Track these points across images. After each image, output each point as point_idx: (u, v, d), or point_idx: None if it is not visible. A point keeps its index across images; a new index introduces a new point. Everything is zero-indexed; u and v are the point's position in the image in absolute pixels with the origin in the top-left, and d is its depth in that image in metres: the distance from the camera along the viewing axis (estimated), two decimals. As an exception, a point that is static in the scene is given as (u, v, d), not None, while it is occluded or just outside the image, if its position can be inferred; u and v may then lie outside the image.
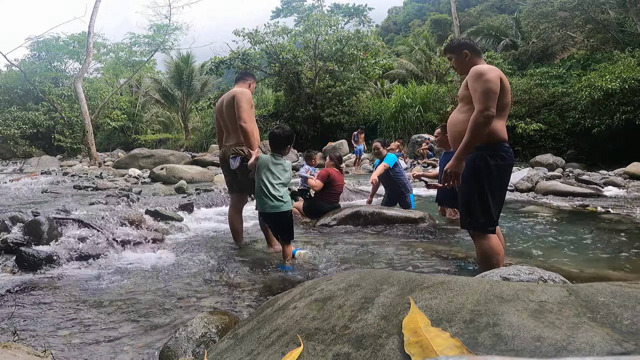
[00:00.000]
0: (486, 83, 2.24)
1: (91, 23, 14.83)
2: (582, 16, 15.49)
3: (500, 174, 2.37)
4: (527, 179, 7.56)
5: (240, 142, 3.45)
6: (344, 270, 2.83)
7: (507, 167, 2.39)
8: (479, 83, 2.27)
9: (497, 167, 2.33)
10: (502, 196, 2.44)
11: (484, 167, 2.33)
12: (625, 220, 4.54)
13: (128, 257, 3.33)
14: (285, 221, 3.04)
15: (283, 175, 3.03)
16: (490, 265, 2.34)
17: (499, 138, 2.34)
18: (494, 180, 2.35)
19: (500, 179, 2.38)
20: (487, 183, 2.34)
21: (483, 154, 2.32)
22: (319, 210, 4.88)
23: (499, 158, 2.33)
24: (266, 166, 3.02)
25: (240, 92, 3.45)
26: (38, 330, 1.97)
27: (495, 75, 2.27)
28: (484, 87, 2.24)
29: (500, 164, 2.34)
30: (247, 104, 3.39)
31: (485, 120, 2.21)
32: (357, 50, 17.19)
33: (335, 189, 5.03)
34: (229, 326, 1.71)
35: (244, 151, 3.40)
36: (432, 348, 0.89)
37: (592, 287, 1.06)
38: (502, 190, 2.43)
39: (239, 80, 3.72)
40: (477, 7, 37.15)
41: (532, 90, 13.41)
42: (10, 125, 22.16)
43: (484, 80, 2.25)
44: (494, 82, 2.25)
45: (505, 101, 2.35)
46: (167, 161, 11.69)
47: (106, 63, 24.60)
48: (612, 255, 3.24)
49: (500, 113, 2.32)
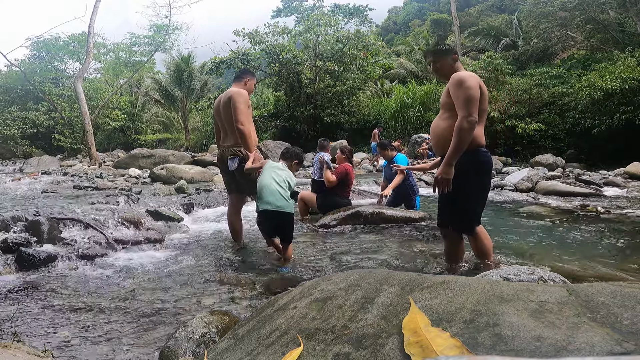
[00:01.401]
0: (468, 90, 2.33)
1: (91, 23, 14.82)
2: (582, 16, 15.49)
3: (481, 178, 2.50)
4: (527, 179, 7.56)
5: (238, 143, 3.43)
6: (344, 270, 2.83)
7: (487, 171, 2.52)
8: (462, 90, 2.35)
9: (477, 171, 2.46)
10: (484, 197, 2.59)
11: (466, 172, 2.44)
12: (625, 220, 4.54)
13: (128, 257, 3.33)
14: (290, 221, 3.08)
15: (292, 180, 3.15)
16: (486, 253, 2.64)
17: (477, 143, 2.44)
18: (475, 183, 2.48)
19: (481, 183, 2.51)
20: (469, 187, 2.46)
21: (464, 159, 2.42)
22: (335, 206, 4.86)
23: (479, 162, 2.45)
24: (276, 168, 3.14)
25: (237, 92, 3.41)
26: (38, 330, 1.97)
27: (476, 83, 2.37)
28: (466, 94, 2.33)
29: (480, 168, 2.46)
30: (243, 105, 3.35)
31: (470, 125, 2.31)
32: (357, 50, 17.18)
33: (349, 185, 5.06)
34: (229, 326, 1.71)
35: (242, 152, 3.40)
36: (432, 348, 0.89)
37: (592, 287, 1.06)
38: (485, 192, 2.58)
39: (235, 79, 3.69)
40: (477, 7, 37.16)
41: (532, 90, 13.41)
42: (10, 125, 22.16)
43: (466, 87, 2.34)
44: (474, 89, 2.34)
45: (482, 107, 2.43)
46: (167, 161, 11.68)
47: (106, 63, 24.58)
48: (612, 255, 3.24)
49: (479, 119, 2.41)
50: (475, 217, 2.58)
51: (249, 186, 3.47)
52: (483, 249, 2.65)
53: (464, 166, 2.41)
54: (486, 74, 14.52)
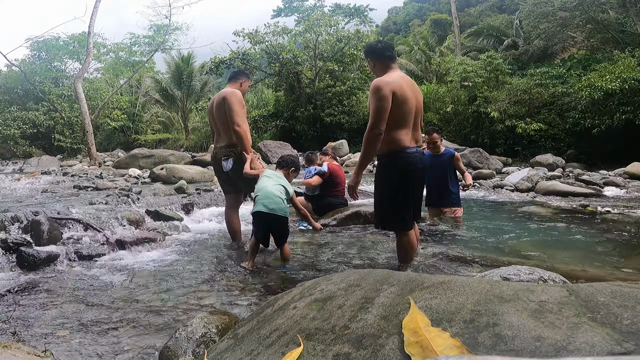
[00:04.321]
0: (377, 101, 2.40)
1: (91, 23, 14.81)
2: (582, 16, 15.50)
3: (403, 177, 2.56)
4: (527, 179, 7.56)
5: (232, 143, 3.39)
6: (344, 270, 2.83)
7: (409, 171, 2.55)
8: (372, 99, 2.44)
9: (398, 171, 2.53)
10: (414, 197, 2.65)
11: (386, 173, 2.58)
12: (625, 220, 4.53)
13: (128, 257, 3.33)
14: (284, 224, 3.09)
15: (289, 189, 3.16)
16: (407, 258, 2.71)
17: (397, 147, 2.51)
18: (398, 183, 2.56)
19: (405, 182, 2.57)
20: (392, 187, 2.57)
21: (383, 161, 2.57)
22: (331, 206, 4.88)
23: (398, 164, 2.52)
24: (274, 175, 3.16)
25: (231, 93, 3.37)
26: (38, 330, 1.97)
27: (388, 91, 2.39)
28: (374, 106, 2.41)
29: (402, 168, 2.53)
30: (238, 106, 3.32)
31: (374, 136, 2.43)
32: (357, 50, 17.19)
33: (339, 184, 5.05)
34: (229, 326, 1.71)
35: (235, 151, 3.37)
36: (432, 348, 0.89)
37: (592, 287, 1.06)
38: (412, 192, 2.62)
39: (230, 80, 3.64)
40: (477, 7, 37.17)
41: (532, 90, 13.42)
42: (10, 125, 22.14)
43: (376, 97, 2.41)
44: (385, 100, 2.39)
45: (401, 111, 2.45)
46: (167, 161, 11.68)
47: (106, 63, 24.57)
48: (612, 255, 3.23)
49: (400, 123, 2.48)
50: (388, 217, 2.65)
51: (244, 185, 3.47)
52: (398, 251, 2.76)
53: (379, 168, 2.61)
54: (486, 74, 14.53)
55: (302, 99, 18.42)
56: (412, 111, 2.51)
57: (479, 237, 3.87)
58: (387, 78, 2.48)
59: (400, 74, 2.56)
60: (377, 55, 2.62)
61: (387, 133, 2.47)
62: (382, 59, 2.61)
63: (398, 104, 2.43)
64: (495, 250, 3.42)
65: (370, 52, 2.66)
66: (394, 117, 2.44)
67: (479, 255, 3.17)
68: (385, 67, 2.59)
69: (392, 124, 2.45)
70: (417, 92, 2.60)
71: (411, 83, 2.58)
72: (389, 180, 2.58)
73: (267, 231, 3.08)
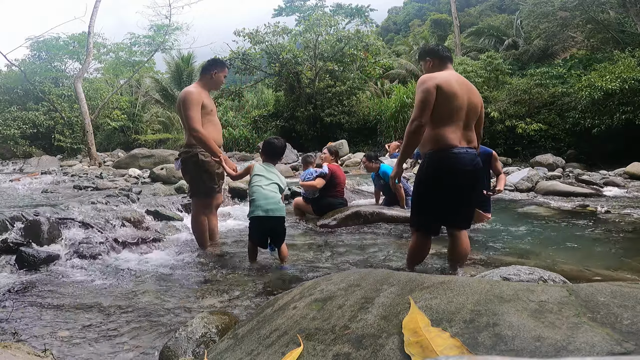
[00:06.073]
0: (420, 94, 2.36)
1: (91, 23, 14.81)
2: (582, 16, 15.48)
3: (431, 178, 2.48)
4: (527, 179, 7.57)
5: (189, 144, 3.21)
6: (344, 270, 2.83)
7: (458, 171, 2.41)
8: (416, 92, 2.41)
9: (434, 171, 2.45)
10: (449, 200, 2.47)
11: (421, 174, 2.54)
12: (625, 220, 4.53)
13: (128, 257, 3.33)
14: (282, 224, 3.04)
15: (282, 181, 3.08)
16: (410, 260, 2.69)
17: (443, 145, 2.41)
18: (432, 184, 2.49)
19: (431, 183, 2.49)
20: (425, 186, 2.53)
21: (425, 162, 2.52)
22: (330, 207, 4.87)
23: (444, 164, 2.42)
24: (263, 170, 3.03)
25: (185, 94, 3.06)
26: (38, 330, 1.97)
27: (432, 84, 2.35)
28: (417, 98, 2.37)
29: (448, 169, 2.41)
30: (192, 110, 3.02)
31: (414, 128, 2.36)
32: (358, 50, 17.19)
33: (339, 184, 5.05)
34: (229, 326, 1.71)
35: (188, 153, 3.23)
36: (432, 348, 0.89)
37: (592, 287, 1.06)
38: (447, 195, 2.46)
39: (202, 72, 3.34)
40: (477, 7, 37.15)
41: (532, 90, 13.40)
42: (10, 125, 22.13)
43: (420, 90, 2.37)
44: (428, 93, 2.34)
45: (447, 107, 2.37)
46: (167, 161, 11.66)
47: (106, 63, 24.54)
48: (612, 255, 3.24)
49: (445, 120, 2.40)
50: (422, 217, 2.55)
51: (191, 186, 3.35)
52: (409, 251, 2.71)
53: (421, 166, 2.56)
54: (486, 74, 14.52)
55: (302, 99, 18.42)
56: (461, 108, 2.41)
57: (479, 237, 3.86)
58: (435, 73, 2.45)
59: (452, 72, 2.52)
60: (436, 55, 2.59)
61: (432, 130, 2.40)
62: (441, 59, 2.59)
63: (444, 99, 2.35)
64: (495, 250, 3.42)
65: (430, 52, 2.64)
66: (440, 113, 2.36)
67: (479, 255, 3.18)
68: (442, 67, 2.57)
69: (438, 120, 2.38)
70: (472, 92, 2.50)
71: (464, 82, 2.50)
72: (422, 182, 2.54)
73: (265, 234, 3.02)
